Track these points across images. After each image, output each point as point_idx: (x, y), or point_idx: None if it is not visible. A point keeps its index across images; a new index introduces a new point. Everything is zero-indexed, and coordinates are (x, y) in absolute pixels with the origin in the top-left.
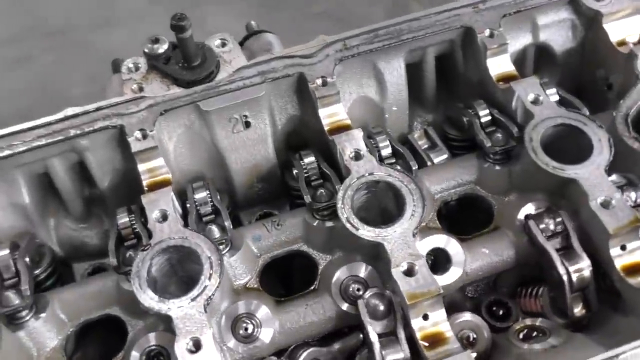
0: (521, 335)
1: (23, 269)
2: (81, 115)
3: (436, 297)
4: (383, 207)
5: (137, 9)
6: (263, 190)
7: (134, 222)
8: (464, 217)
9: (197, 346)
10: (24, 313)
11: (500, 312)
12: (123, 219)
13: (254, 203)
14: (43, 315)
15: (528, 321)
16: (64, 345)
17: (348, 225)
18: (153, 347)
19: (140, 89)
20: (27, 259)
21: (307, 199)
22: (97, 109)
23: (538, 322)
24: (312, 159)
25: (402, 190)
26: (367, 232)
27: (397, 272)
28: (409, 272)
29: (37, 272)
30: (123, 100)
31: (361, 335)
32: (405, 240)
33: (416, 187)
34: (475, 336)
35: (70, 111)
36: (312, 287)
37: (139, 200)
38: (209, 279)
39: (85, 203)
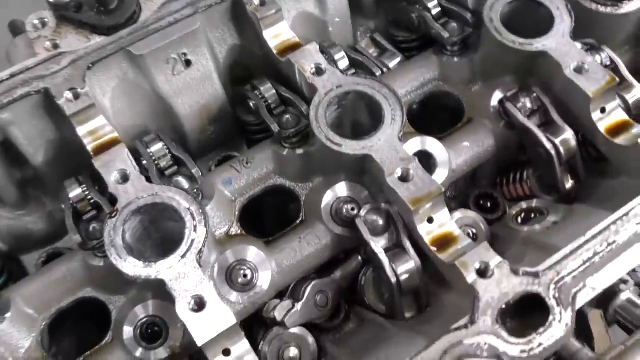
0: (519, 220)
1: None
2: None
3: (438, 197)
4: (353, 120)
5: None
6: (216, 132)
7: (87, 192)
8: (427, 120)
9: (200, 304)
10: None
11: (489, 204)
12: (75, 191)
13: (209, 148)
14: (8, 315)
15: (524, 204)
16: (40, 342)
17: (329, 144)
18: (145, 319)
19: (55, 46)
20: None
21: (275, 127)
22: (12, 76)
23: (534, 203)
24: (268, 85)
25: (377, 97)
26: (351, 147)
27: (392, 180)
28: (405, 178)
29: None
30: (39, 60)
31: (360, 257)
32: (392, 146)
33: (390, 91)
34: (474, 231)
35: None
36: (298, 221)
37: (87, 169)
38: (195, 230)
39: (19, 187)
